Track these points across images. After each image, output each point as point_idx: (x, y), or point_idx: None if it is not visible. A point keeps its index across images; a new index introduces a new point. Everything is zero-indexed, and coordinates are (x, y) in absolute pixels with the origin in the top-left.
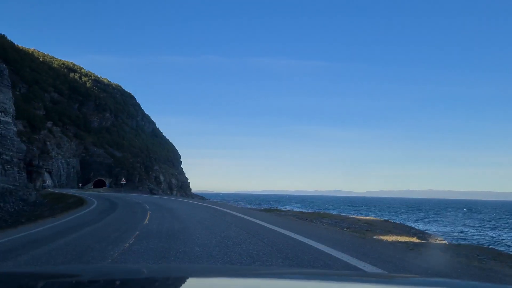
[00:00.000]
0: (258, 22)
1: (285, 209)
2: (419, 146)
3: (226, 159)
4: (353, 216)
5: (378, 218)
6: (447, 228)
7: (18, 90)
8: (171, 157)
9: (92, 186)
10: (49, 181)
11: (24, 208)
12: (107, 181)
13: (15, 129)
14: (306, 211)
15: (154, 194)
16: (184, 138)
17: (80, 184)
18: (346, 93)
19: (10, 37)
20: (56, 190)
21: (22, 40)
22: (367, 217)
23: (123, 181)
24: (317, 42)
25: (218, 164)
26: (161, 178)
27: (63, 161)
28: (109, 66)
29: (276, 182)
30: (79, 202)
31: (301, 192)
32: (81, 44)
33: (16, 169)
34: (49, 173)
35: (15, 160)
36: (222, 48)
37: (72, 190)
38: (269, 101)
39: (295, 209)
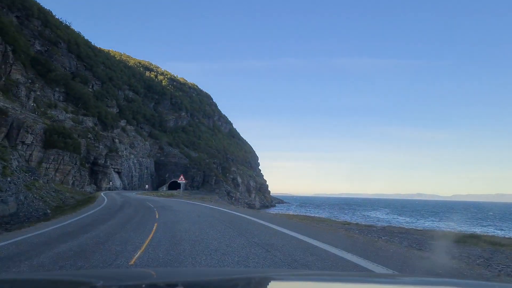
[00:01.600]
0: (336, 21)
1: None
2: None
3: (303, 162)
4: None
5: None
6: None
7: (91, 86)
8: (249, 159)
9: (165, 188)
10: (117, 182)
11: None
12: (182, 183)
13: None
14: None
15: (232, 196)
16: (261, 140)
17: (147, 186)
18: (429, 92)
19: (89, 38)
20: (100, 192)
21: (100, 41)
22: None
23: (181, 179)
24: (399, 40)
25: (295, 167)
26: (239, 180)
27: (135, 161)
28: (186, 69)
29: (354, 185)
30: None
31: (381, 196)
32: (160, 47)
33: None
34: (118, 173)
35: None
36: (299, 50)
37: (134, 193)
38: (347, 101)
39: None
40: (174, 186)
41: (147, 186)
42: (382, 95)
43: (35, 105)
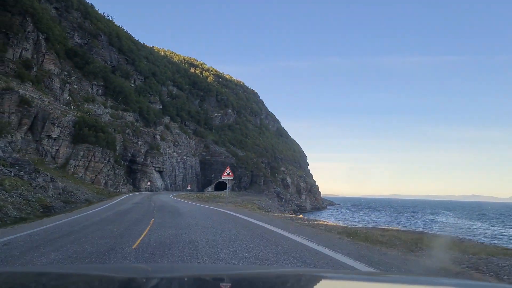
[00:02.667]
0: (377, 19)
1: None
2: None
3: (350, 163)
4: None
5: None
6: None
7: (132, 81)
8: (298, 158)
9: (210, 189)
10: (159, 182)
11: None
12: (229, 183)
13: None
14: None
15: (282, 198)
16: (306, 140)
17: (189, 186)
18: (480, 89)
19: (132, 34)
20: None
21: (143, 38)
22: None
23: (227, 174)
24: (445, 36)
25: (342, 168)
26: (288, 180)
27: (179, 160)
28: (232, 68)
29: (403, 186)
30: None
31: (432, 197)
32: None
33: None
34: (160, 172)
35: None
36: (341, 49)
37: (172, 195)
38: (395, 101)
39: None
40: (221, 186)
41: (189, 186)
42: (429, 93)
43: (70, 98)
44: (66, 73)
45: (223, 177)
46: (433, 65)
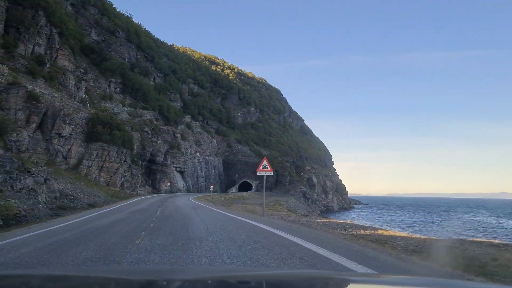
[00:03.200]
0: (402, 15)
1: None
2: None
3: (374, 161)
4: None
5: None
6: None
7: (152, 79)
8: (323, 157)
9: (234, 190)
10: (180, 183)
11: None
12: (253, 183)
13: None
14: None
15: (308, 198)
16: (330, 140)
17: (212, 187)
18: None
19: (151, 31)
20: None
21: (162, 36)
22: None
23: (263, 169)
24: (469, 30)
25: (365, 167)
26: (314, 180)
27: (201, 160)
28: (254, 66)
29: (427, 185)
30: None
31: (459, 195)
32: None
33: None
34: (181, 173)
35: None
36: (365, 46)
37: (191, 197)
38: (420, 98)
39: None
40: (245, 187)
41: (212, 187)
42: (455, 90)
43: (86, 96)
44: (82, 70)
45: (258, 172)
46: (456, 60)
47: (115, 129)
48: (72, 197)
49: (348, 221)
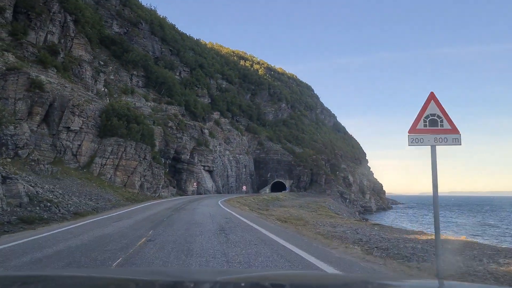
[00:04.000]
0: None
1: None
2: None
3: (404, 159)
4: None
5: None
6: None
7: (178, 73)
8: (357, 155)
9: (268, 190)
10: (209, 184)
11: None
12: (287, 183)
13: None
14: None
15: (345, 198)
16: (361, 137)
17: (244, 188)
18: None
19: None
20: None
21: (188, 30)
22: None
23: (244, 188)
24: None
25: (398, 165)
26: (350, 179)
27: (231, 158)
28: (282, 62)
29: (459, 183)
30: None
31: (497, 193)
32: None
33: None
34: (210, 172)
35: None
36: (393, 42)
37: (222, 200)
38: (454, 92)
39: None
40: (278, 187)
41: (244, 188)
42: (488, 84)
43: (106, 90)
44: (102, 63)
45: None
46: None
47: (132, 122)
48: (49, 204)
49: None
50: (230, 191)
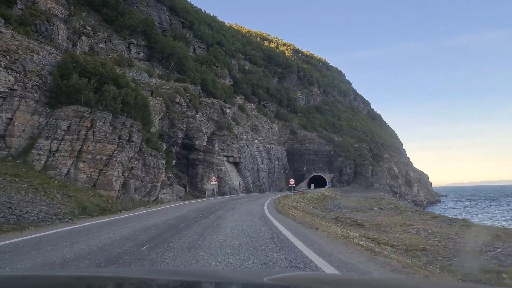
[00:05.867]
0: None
1: None
2: None
3: (435, 150)
4: None
5: None
6: None
7: (192, 49)
8: (397, 144)
9: (305, 186)
10: (235, 181)
11: None
12: (327, 177)
13: None
14: None
15: (396, 192)
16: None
17: (292, 181)
18: None
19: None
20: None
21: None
22: None
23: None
24: None
25: (430, 155)
26: (395, 170)
27: (261, 148)
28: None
29: (492, 171)
30: None
31: None
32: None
33: None
34: (235, 164)
35: None
36: (416, 33)
37: (268, 211)
38: (485, 80)
39: None
40: (316, 181)
41: (292, 181)
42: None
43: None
44: (89, 28)
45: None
46: None
47: (107, 83)
48: None
49: None
50: (262, 189)
